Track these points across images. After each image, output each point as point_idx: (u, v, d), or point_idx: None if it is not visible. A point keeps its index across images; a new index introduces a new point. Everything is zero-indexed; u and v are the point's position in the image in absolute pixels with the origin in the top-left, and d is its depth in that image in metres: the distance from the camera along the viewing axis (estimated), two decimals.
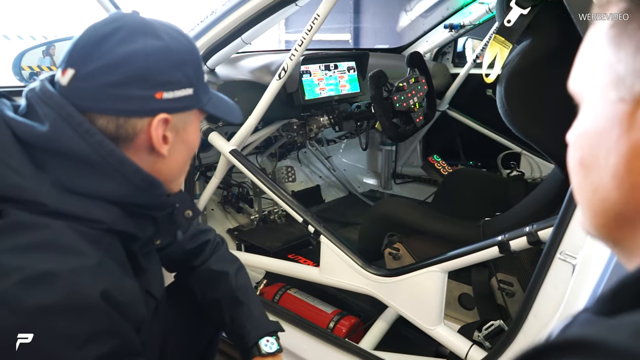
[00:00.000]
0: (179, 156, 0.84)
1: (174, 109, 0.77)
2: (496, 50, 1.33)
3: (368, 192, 3.21)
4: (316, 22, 1.58)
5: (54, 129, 0.71)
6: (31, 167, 0.71)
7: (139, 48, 0.73)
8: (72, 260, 0.68)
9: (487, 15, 2.53)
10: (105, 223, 0.75)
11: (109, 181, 0.75)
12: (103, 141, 0.73)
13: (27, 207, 0.69)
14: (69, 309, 0.66)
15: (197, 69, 0.81)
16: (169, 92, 0.76)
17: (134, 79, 0.73)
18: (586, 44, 0.44)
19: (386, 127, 1.93)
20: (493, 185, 2.08)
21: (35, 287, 0.64)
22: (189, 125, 0.82)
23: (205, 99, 0.83)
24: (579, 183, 0.44)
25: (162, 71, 0.75)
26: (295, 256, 2.22)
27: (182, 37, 0.80)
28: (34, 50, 1.77)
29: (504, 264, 1.53)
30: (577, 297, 1.04)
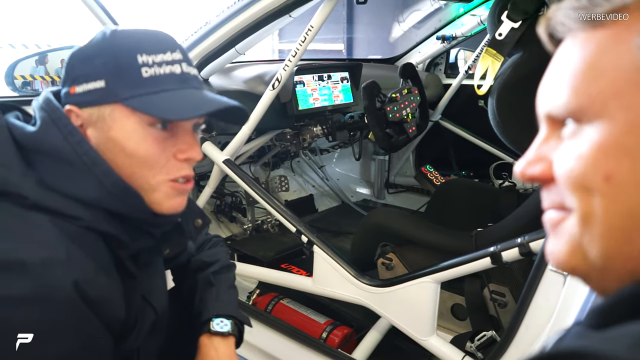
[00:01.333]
0: (114, 157, 0.78)
1: (82, 102, 0.77)
2: (488, 63, 1.35)
3: (361, 201, 3.22)
4: (310, 33, 1.59)
5: (42, 129, 0.76)
6: (21, 164, 0.75)
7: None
8: (44, 251, 0.69)
9: (479, 27, 2.55)
10: (83, 220, 0.75)
11: (84, 182, 0.76)
12: (82, 141, 0.76)
13: (10, 199, 0.72)
14: (38, 300, 0.66)
15: (113, 60, 0.76)
16: (79, 85, 0.77)
17: (63, 78, 0.80)
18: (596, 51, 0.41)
19: (379, 137, 1.94)
20: (485, 195, 2.10)
21: (4, 275, 0.66)
22: (112, 122, 0.77)
23: (129, 93, 0.76)
24: (605, 205, 0.39)
25: (73, 66, 0.79)
26: (289, 266, 2.22)
27: (106, 34, 0.79)
28: (27, 60, 1.77)
29: (496, 275, 1.54)
30: (569, 308, 1.05)
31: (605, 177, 0.38)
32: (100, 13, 1.70)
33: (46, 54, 1.87)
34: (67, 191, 0.75)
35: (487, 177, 2.69)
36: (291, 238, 2.28)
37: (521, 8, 1.29)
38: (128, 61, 0.76)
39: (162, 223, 0.85)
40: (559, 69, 0.44)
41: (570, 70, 0.42)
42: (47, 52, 1.86)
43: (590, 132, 0.40)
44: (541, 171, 0.45)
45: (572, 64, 0.42)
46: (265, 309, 1.91)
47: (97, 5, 1.70)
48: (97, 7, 1.70)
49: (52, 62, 1.91)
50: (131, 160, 0.78)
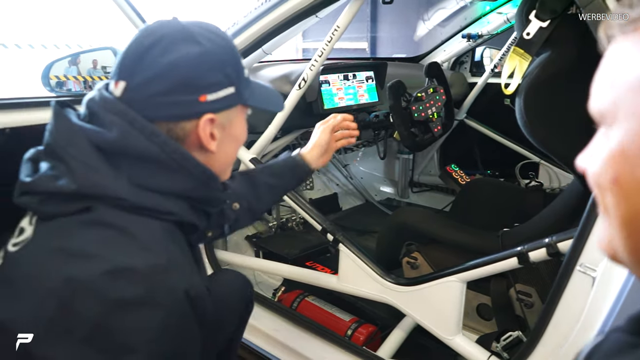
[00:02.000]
0: (228, 149, 0.90)
1: (217, 108, 0.83)
2: (515, 62, 1.34)
3: (385, 200, 3.22)
4: (336, 33, 1.60)
5: (122, 134, 0.77)
6: (109, 167, 0.77)
7: (181, 56, 0.79)
8: (149, 256, 0.73)
9: (505, 25, 2.53)
10: (175, 214, 0.81)
11: (174, 177, 0.81)
12: (167, 140, 0.79)
13: (110, 203, 0.75)
14: (147, 304, 0.70)
15: (236, 67, 0.85)
16: (211, 94, 0.81)
17: (179, 86, 0.79)
18: (617, 60, 0.42)
19: (404, 136, 1.95)
20: (511, 195, 2.08)
21: (118, 280, 0.69)
22: (234, 120, 0.88)
23: (247, 93, 0.88)
24: (615, 203, 0.42)
25: (203, 75, 0.80)
26: (313, 264, 2.24)
27: (220, 38, 0.84)
28: (61, 61, 1.83)
29: (522, 275, 1.53)
30: (597, 310, 1.04)
31: (613, 180, 0.41)
32: (131, 13, 1.74)
33: (79, 55, 1.92)
34: (158, 187, 0.79)
35: (513, 177, 2.66)
36: (315, 236, 2.30)
37: (549, 7, 1.28)
38: (242, 65, 0.88)
39: (224, 198, 0.96)
40: (599, 71, 0.45)
41: (600, 75, 0.44)
42: (80, 54, 1.91)
43: (610, 136, 0.42)
44: (584, 167, 0.48)
45: (602, 70, 0.44)
46: (291, 306, 1.93)
47: (128, 6, 1.73)
48: (128, 7, 1.73)
49: (84, 63, 1.96)
50: (237, 147, 0.94)
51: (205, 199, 0.88)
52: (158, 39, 0.79)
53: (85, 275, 0.68)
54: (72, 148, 0.76)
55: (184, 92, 0.79)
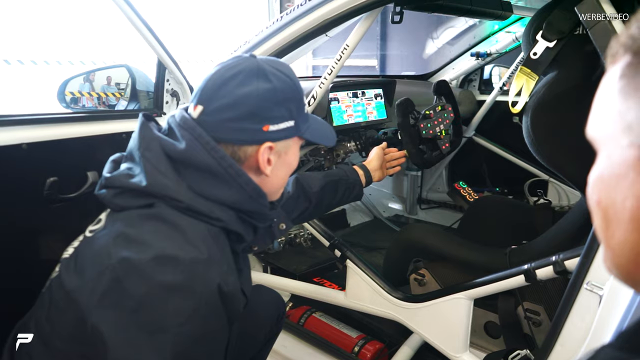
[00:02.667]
0: (280, 174, 1.01)
1: (277, 138, 0.94)
2: (522, 82, 1.36)
3: (393, 217, 3.22)
4: (345, 51, 1.63)
5: (189, 146, 0.90)
6: (174, 173, 0.89)
7: (253, 90, 0.91)
8: (193, 251, 0.83)
9: (513, 44, 2.55)
10: (222, 221, 0.91)
11: (227, 189, 0.91)
12: (225, 156, 0.91)
13: (169, 203, 0.87)
14: (184, 289, 0.80)
15: (298, 104, 0.97)
16: (274, 125, 0.93)
17: (247, 115, 0.91)
18: (600, 91, 0.45)
19: (413, 154, 1.96)
20: (519, 213, 2.08)
21: (164, 267, 0.80)
22: (289, 150, 0.99)
23: (304, 127, 1.00)
24: (599, 224, 0.45)
25: (269, 108, 0.92)
26: (321, 280, 2.24)
27: (288, 77, 0.96)
28: (77, 77, 1.87)
29: (530, 293, 1.52)
30: (604, 328, 1.04)
31: (597, 202, 0.44)
32: (146, 32, 1.77)
33: (94, 72, 1.96)
34: (212, 196, 0.90)
35: (522, 194, 2.66)
36: (323, 252, 2.31)
37: (556, 28, 1.30)
38: (303, 103, 1.01)
39: (271, 216, 1.05)
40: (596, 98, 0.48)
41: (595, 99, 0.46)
42: (94, 71, 1.95)
43: (596, 162, 0.45)
44: None
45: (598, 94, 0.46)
46: (298, 322, 1.93)
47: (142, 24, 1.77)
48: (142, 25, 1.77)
49: (98, 80, 2.00)
50: (289, 172, 1.04)
51: (252, 213, 0.96)
52: (236, 73, 0.92)
53: (137, 257, 0.80)
54: (148, 152, 0.90)
55: (251, 121, 0.91)
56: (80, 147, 1.46)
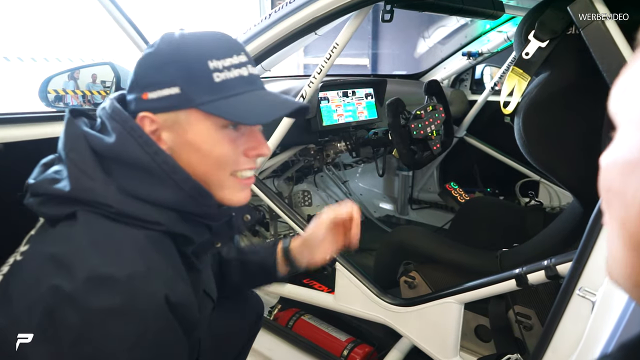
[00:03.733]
0: (190, 159, 0.83)
1: (157, 108, 0.81)
2: (514, 82, 1.34)
3: (384, 217, 3.20)
4: (335, 50, 1.60)
5: (119, 140, 0.80)
6: (102, 173, 0.79)
7: (137, 61, 0.84)
8: (130, 265, 0.73)
9: (505, 43, 2.54)
10: (162, 225, 0.80)
11: (164, 188, 0.81)
12: (159, 151, 0.81)
13: (97, 209, 0.76)
14: (125, 313, 0.70)
15: (185, 66, 0.80)
16: (152, 92, 0.81)
17: (132, 84, 0.84)
18: (631, 69, 0.41)
19: (403, 154, 1.94)
20: (510, 214, 2.07)
21: (98, 290, 0.70)
22: (188, 126, 0.82)
23: (204, 98, 0.80)
24: (608, 211, 0.42)
25: (145, 74, 0.82)
26: (311, 281, 2.21)
27: (174, 39, 0.83)
28: (60, 75, 1.82)
29: (522, 297, 1.50)
30: (597, 334, 1.02)
31: (607, 189, 0.41)
32: (132, 31, 1.74)
33: (78, 69, 1.91)
34: (147, 197, 0.80)
35: (513, 195, 2.65)
36: None
37: (549, 28, 1.28)
38: (200, 67, 0.81)
39: (222, 216, 0.91)
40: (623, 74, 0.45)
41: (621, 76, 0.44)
42: (79, 68, 1.91)
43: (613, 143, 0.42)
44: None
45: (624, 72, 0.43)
46: (287, 325, 1.90)
47: (128, 24, 1.73)
48: (129, 26, 1.73)
49: (83, 77, 1.96)
50: (206, 160, 0.84)
51: (197, 214, 0.85)
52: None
53: (67, 284, 0.69)
54: (73, 153, 0.79)
55: (134, 90, 0.83)
56: None
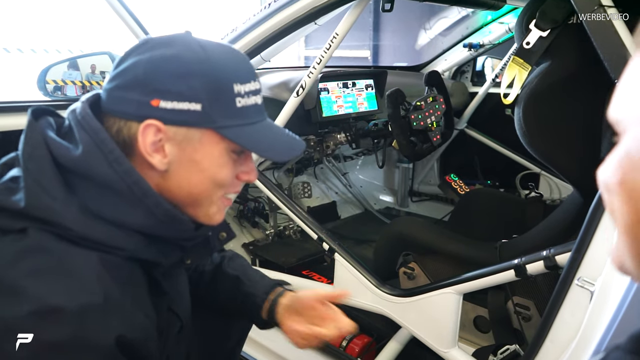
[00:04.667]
0: (190, 176, 0.78)
1: (170, 120, 0.74)
2: (515, 72, 1.33)
3: (384, 209, 3.20)
4: (335, 40, 1.59)
5: (86, 154, 0.72)
6: (62, 189, 0.72)
7: (147, 56, 0.75)
8: (83, 296, 0.67)
9: (506, 35, 2.52)
10: (126, 251, 0.74)
11: (132, 210, 0.74)
12: (130, 170, 0.74)
13: (53, 229, 0.70)
14: (73, 348, 0.65)
15: (211, 84, 0.74)
16: (167, 101, 0.73)
17: (135, 83, 0.74)
18: (630, 72, 0.43)
19: (403, 145, 1.93)
20: (510, 206, 2.06)
21: (43, 322, 0.64)
22: (198, 145, 0.76)
23: (224, 122, 0.76)
24: (619, 206, 0.42)
25: (161, 79, 0.74)
26: (310, 272, 2.22)
27: (202, 49, 0.76)
28: (59, 65, 1.82)
29: (520, 288, 1.50)
30: (595, 324, 1.02)
31: (619, 182, 0.41)
32: (131, 22, 1.74)
33: (75, 59, 1.91)
34: (112, 218, 0.73)
35: (513, 187, 2.65)
36: (313, 245, 2.28)
37: (550, 17, 1.27)
38: (226, 89, 0.76)
39: (198, 237, 0.86)
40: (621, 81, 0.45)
41: (621, 82, 0.44)
42: (76, 58, 1.90)
43: (621, 142, 0.43)
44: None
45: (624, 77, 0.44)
46: None
47: (127, 14, 1.73)
48: (128, 15, 1.73)
49: (82, 67, 1.95)
50: (207, 181, 0.79)
51: (170, 238, 0.80)
52: (143, 42, 0.78)
53: (11, 314, 0.64)
54: (32, 162, 0.72)
55: (139, 91, 0.74)
56: None
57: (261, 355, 1.85)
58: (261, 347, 1.87)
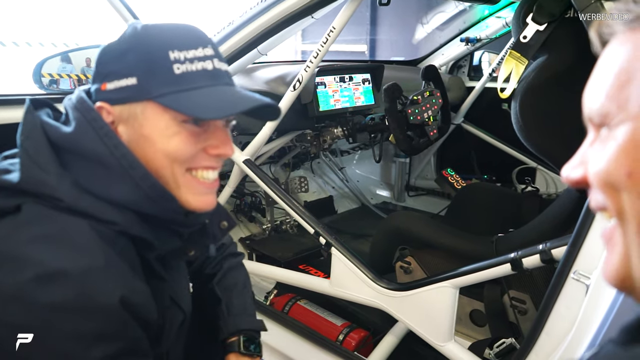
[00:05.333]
0: (144, 153, 0.78)
1: (114, 99, 0.77)
2: (512, 66, 1.33)
3: (381, 203, 3.21)
4: (332, 34, 1.59)
5: (77, 130, 0.75)
6: (56, 165, 0.74)
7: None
8: (84, 259, 0.69)
9: (503, 29, 2.52)
10: (117, 225, 0.75)
11: (121, 185, 0.76)
12: (119, 144, 0.76)
13: (45, 202, 0.72)
14: (80, 309, 0.67)
15: (142, 56, 0.76)
16: (110, 82, 0.77)
17: (94, 75, 0.80)
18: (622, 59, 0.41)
19: (400, 140, 1.93)
20: (507, 200, 2.06)
21: (48, 285, 0.66)
22: (143, 120, 0.77)
23: (161, 90, 0.75)
24: (632, 202, 0.39)
25: (105, 63, 0.78)
26: (307, 267, 2.22)
27: (137, 29, 0.79)
28: (54, 58, 1.81)
29: (516, 281, 1.51)
30: (591, 318, 1.03)
31: (628, 174, 0.39)
32: (122, 9, 1.72)
33: (71, 52, 1.90)
34: (102, 193, 0.75)
35: (510, 182, 2.65)
36: (310, 239, 2.28)
37: (547, 11, 1.27)
38: (160, 58, 0.76)
39: (191, 223, 0.86)
40: (598, 73, 0.44)
41: (606, 73, 0.42)
42: (72, 51, 1.89)
43: (618, 134, 0.40)
44: (582, 174, 0.46)
45: (608, 67, 0.42)
46: (283, 310, 1.91)
47: (119, 1, 1.71)
48: (118, 2, 1.71)
49: (77, 61, 1.94)
50: (160, 154, 0.78)
51: (161, 218, 0.80)
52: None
53: (11, 280, 0.65)
54: (28, 142, 0.75)
55: (96, 79, 0.79)
56: None
57: None
58: None
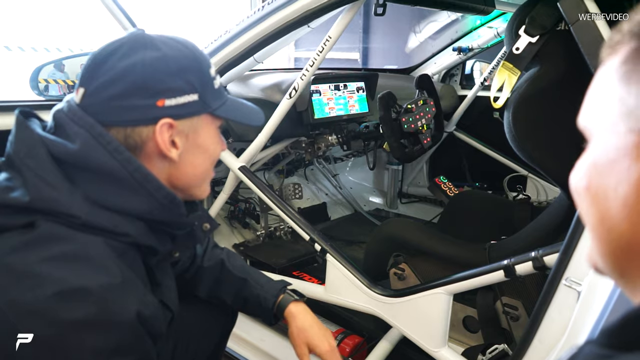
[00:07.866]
0: (194, 160, 0.87)
1: (178, 115, 0.81)
2: (504, 76, 1.35)
3: (374, 210, 3.22)
4: (328, 43, 1.61)
5: (84, 147, 0.75)
6: (65, 181, 0.75)
7: (138, 60, 0.77)
8: (103, 276, 0.72)
9: (495, 39, 2.56)
10: (130, 236, 0.78)
11: (134, 197, 0.78)
12: (130, 158, 0.78)
13: (60, 220, 0.72)
14: (100, 325, 0.69)
15: (200, 75, 0.83)
16: (170, 99, 0.79)
17: (134, 89, 0.77)
18: (597, 82, 0.45)
19: (394, 148, 1.95)
20: (499, 208, 2.09)
21: (70, 302, 0.67)
22: (200, 130, 0.85)
23: (215, 104, 0.86)
24: (586, 209, 0.45)
25: (161, 80, 0.78)
26: (300, 273, 2.22)
27: (182, 46, 0.83)
28: (48, 65, 1.82)
29: (509, 288, 1.53)
30: (582, 324, 1.05)
31: (586, 187, 0.44)
32: (121, 17, 1.73)
33: (66, 59, 1.90)
34: (115, 206, 0.77)
35: (501, 190, 2.68)
36: (303, 246, 2.30)
37: (539, 23, 1.30)
38: (208, 74, 0.85)
39: (189, 224, 0.91)
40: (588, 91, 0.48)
41: (588, 94, 0.47)
42: (66, 59, 1.90)
43: (587, 150, 0.46)
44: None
45: (592, 86, 0.47)
46: None
47: (117, 8, 1.73)
48: (117, 10, 1.73)
49: (71, 67, 1.94)
50: (209, 160, 0.90)
51: (166, 223, 0.85)
52: (118, 45, 0.79)
53: (31, 296, 0.66)
54: (30, 160, 0.74)
55: (140, 95, 0.77)
56: None
57: (250, 354, 1.85)
58: (250, 345, 1.87)
